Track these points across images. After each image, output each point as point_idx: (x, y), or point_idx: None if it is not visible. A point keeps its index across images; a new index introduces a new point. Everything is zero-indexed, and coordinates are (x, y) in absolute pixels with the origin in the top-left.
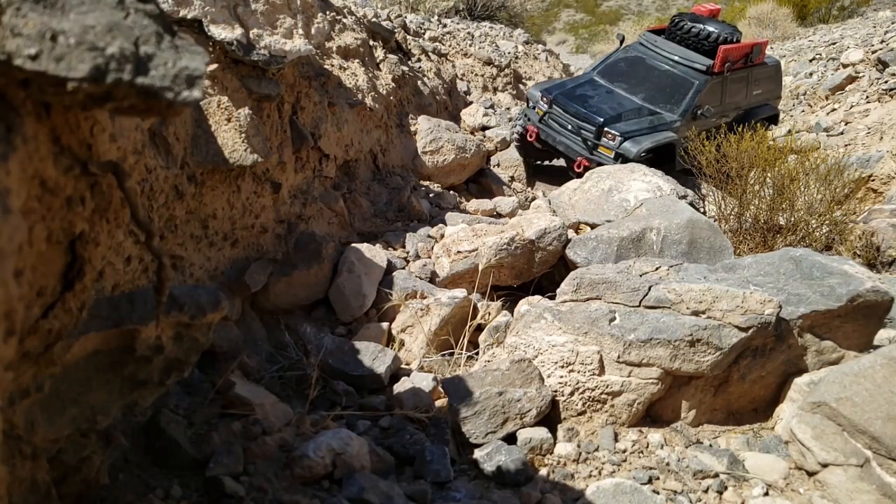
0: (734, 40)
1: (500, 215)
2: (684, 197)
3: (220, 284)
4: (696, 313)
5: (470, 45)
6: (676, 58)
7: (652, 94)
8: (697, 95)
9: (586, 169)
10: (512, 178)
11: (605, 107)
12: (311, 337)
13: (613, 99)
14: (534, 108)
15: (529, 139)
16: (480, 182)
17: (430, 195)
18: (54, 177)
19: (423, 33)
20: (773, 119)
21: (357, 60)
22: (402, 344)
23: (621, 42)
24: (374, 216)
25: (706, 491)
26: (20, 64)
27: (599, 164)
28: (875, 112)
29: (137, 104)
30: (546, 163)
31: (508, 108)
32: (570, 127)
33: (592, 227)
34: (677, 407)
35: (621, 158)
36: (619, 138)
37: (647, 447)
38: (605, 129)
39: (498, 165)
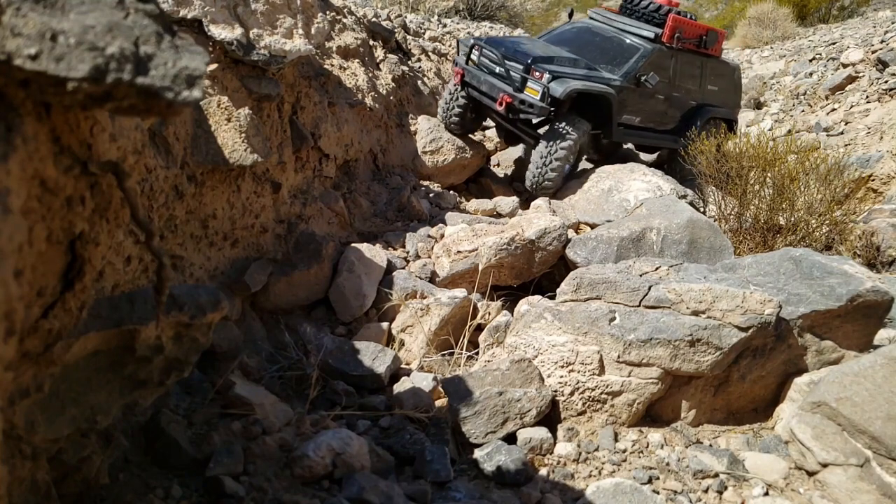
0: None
1: (500, 215)
2: (684, 197)
3: (220, 284)
4: (696, 313)
5: None
6: (624, 26)
7: (594, 56)
8: (642, 61)
9: (509, 107)
10: (512, 178)
11: (539, 52)
12: (311, 337)
13: (549, 50)
14: (463, 53)
15: (455, 80)
16: (480, 182)
17: (430, 195)
18: (54, 177)
19: (423, 33)
20: (730, 125)
21: (357, 60)
22: (402, 344)
23: (570, 16)
24: (374, 216)
25: (706, 491)
26: (20, 64)
27: (523, 103)
28: (875, 112)
29: (137, 104)
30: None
31: None
32: (497, 70)
33: (592, 227)
34: (677, 407)
35: (548, 100)
36: (548, 75)
37: (647, 447)
38: (534, 67)
39: (498, 165)
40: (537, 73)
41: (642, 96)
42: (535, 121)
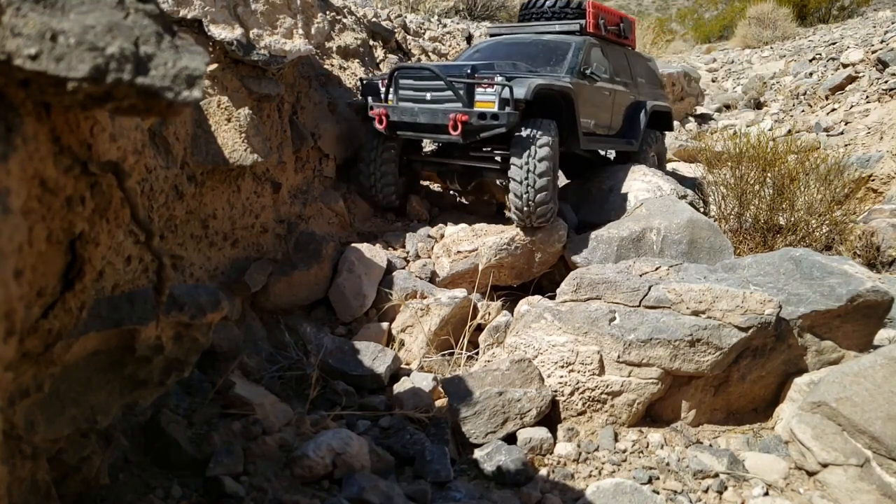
0: None
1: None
2: (684, 197)
3: (220, 284)
4: (696, 313)
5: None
6: (540, 28)
7: (524, 61)
8: (579, 54)
9: (465, 126)
10: None
11: (469, 63)
12: (311, 337)
13: (480, 60)
14: (374, 95)
15: (379, 126)
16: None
17: (431, 195)
18: (54, 177)
19: (423, 33)
20: (668, 120)
21: (357, 60)
22: (402, 344)
23: (469, 41)
24: (374, 216)
25: (706, 491)
26: (20, 64)
27: (483, 117)
28: (875, 112)
29: (137, 104)
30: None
31: None
32: (429, 97)
33: (592, 227)
34: (677, 407)
35: (509, 105)
36: (500, 78)
37: (647, 447)
38: (478, 75)
39: None
40: (485, 80)
41: (592, 95)
42: (485, 148)
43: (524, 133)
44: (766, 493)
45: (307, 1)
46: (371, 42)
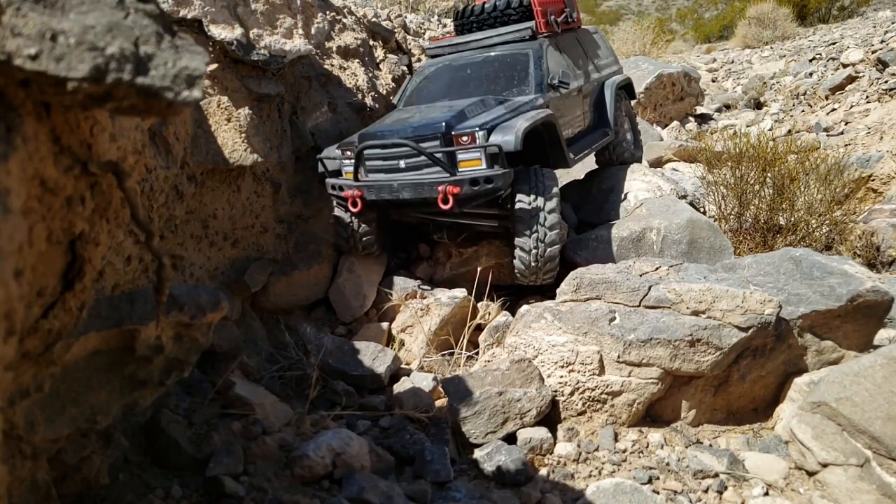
0: None
1: None
2: (684, 197)
3: (220, 284)
4: (696, 313)
5: None
6: (486, 41)
7: (486, 87)
8: (541, 63)
9: (457, 198)
10: None
11: (437, 115)
12: (311, 337)
13: (442, 106)
14: (338, 172)
15: (354, 210)
16: None
17: None
18: (54, 177)
19: (423, 33)
20: (630, 89)
21: (357, 60)
22: (402, 344)
23: (409, 68)
24: None
25: (706, 491)
26: (20, 64)
27: (475, 184)
28: (875, 112)
29: (137, 104)
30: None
31: None
32: (402, 164)
33: (592, 227)
34: (677, 407)
35: (498, 162)
36: (482, 132)
37: (647, 447)
38: (454, 132)
39: None
40: (465, 137)
41: (565, 104)
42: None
43: (527, 203)
44: (766, 493)
45: (307, 1)
46: (371, 42)
